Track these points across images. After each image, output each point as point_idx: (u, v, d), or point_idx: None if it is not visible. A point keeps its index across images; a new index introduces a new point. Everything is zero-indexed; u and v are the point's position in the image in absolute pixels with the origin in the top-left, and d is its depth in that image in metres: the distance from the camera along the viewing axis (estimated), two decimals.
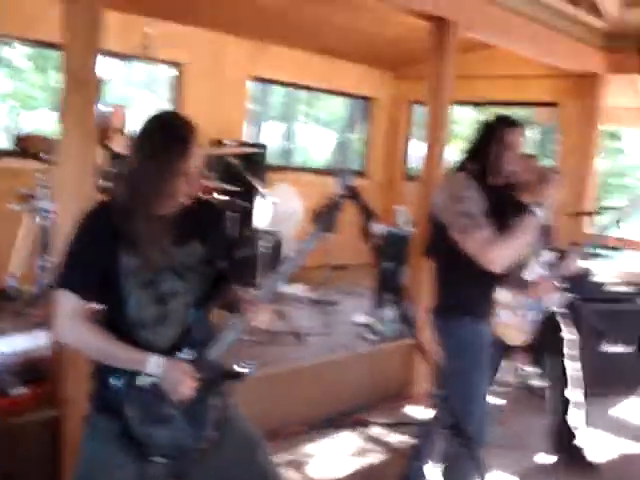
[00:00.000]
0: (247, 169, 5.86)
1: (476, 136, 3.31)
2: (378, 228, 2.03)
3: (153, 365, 2.17)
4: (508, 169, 3.21)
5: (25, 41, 6.65)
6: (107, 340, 2.18)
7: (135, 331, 2.25)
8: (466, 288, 3.26)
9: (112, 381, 2.19)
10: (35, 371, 3.69)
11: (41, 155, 4.94)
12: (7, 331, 4.50)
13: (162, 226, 2.24)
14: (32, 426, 3.43)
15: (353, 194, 2.08)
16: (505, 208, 3.12)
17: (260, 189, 5.81)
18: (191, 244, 2.35)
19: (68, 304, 2.18)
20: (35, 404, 3.48)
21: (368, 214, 2.03)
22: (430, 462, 3.85)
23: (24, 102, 8.63)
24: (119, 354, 2.18)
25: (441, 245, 3.25)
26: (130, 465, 2.21)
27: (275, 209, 5.91)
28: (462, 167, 3.27)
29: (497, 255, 3.02)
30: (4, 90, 7.94)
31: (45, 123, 7.09)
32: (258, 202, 5.91)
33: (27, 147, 5.25)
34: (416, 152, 9.05)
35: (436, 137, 5.37)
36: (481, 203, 3.08)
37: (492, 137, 3.22)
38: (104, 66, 3.59)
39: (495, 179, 3.23)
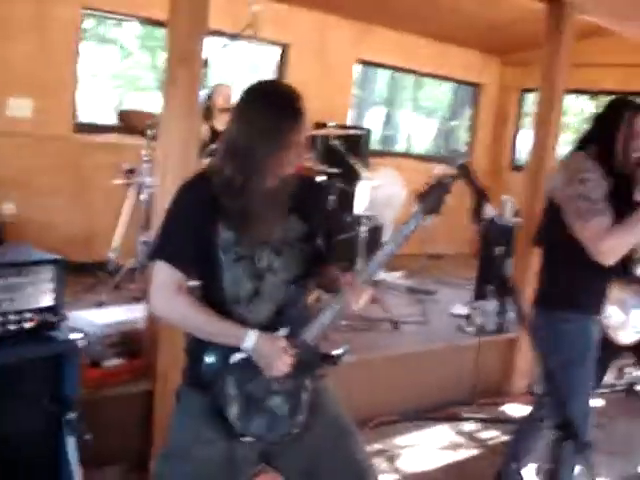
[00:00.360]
0: (349, 153, 5.76)
1: (600, 118, 3.08)
2: (490, 211, 1.88)
3: (250, 340, 2.08)
4: (635, 156, 2.95)
5: (134, 19, 6.72)
6: (203, 313, 2.11)
7: (230, 307, 2.17)
8: (575, 279, 3.04)
9: (206, 357, 2.12)
10: (130, 344, 3.71)
11: (145, 131, 4.97)
12: (105, 304, 4.58)
13: (265, 200, 2.14)
14: (124, 399, 3.46)
15: (466, 173, 1.93)
16: (625, 198, 2.90)
17: (362, 173, 5.70)
18: (291, 219, 2.25)
19: (164, 276, 2.11)
20: (128, 377, 3.50)
21: (481, 195, 1.89)
22: (528, 464, 3.70)
23: (131, 82, 8.77)
24: (215, 327, 2.10)
25: (553, 231, 3.07)
26: (219, 442, 2.14)
27: (376, 193, 5.79)
28: (582, 148, 3.03)
29: (612, 246, 2.80)
30: (112, 69, 8.07)
31: (150, 103, 7.17)
32: (359, 186, 5.80)
33: (130, 123, 5.30)
34: (524, 142, 8.76)
35: (547, 126, 5.14)
36: (603, 188, 2.84)
37: (620, 120, 2.95)
38: (209, 45, 3.55)
39: (619, 165, 2.97)
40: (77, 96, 6.11)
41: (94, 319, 3.76)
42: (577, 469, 2.84)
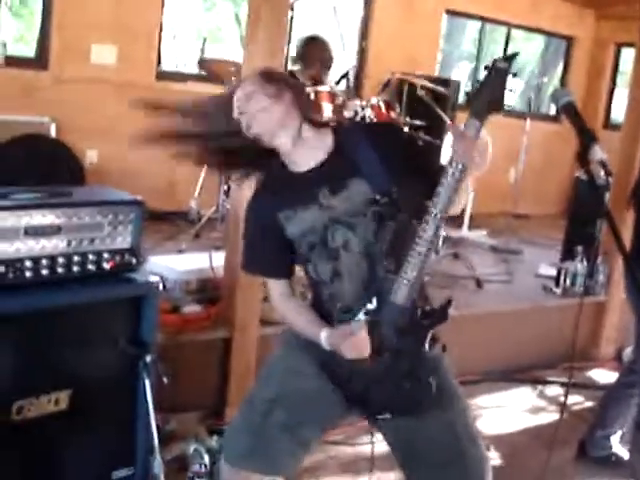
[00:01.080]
0: (437, 105, 5.57)
1: None
2: (599, 153, 1.71)
3: (324, 341, 2.06)
4: None
5: None
6: (300, 316, 2.17)
7: (320, 289, 2.17)
8: None
9: None
10: (209, 292, 3.69)
11: (227, 79, 4.89)
12: (185, 252, 4.57)
13: (307, 179, 2.08)
14: (202, 345, 3.44)
15: (571, 112, 1.76)
16: None
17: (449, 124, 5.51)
18: (350, 186, 2.07)
19: (270, 285, 2.21)
20: (207, 324, 3.47)
21: (587, 135, 1.72)
22: (616, 431, 3.56)
23: (213, 33, 8.72)
24: (306, 331, 2.14)
25: None
26: (320, 381, 2.14)
27: None
28: None
29: None
30: (195, 20, 8.03)
31: (233, 54, 7.10)
32: (446, 139, 5.62)
33: (212, 71, 5.23)
34: (620, 100, 8.37)
35: None
36: None
37: None
38: None
39: None
40: (161, 44, 6.08)
41: (174, 265, 3.74)
42: None
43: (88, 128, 5.49)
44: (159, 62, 6.08)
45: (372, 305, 2.03)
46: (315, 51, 5.18)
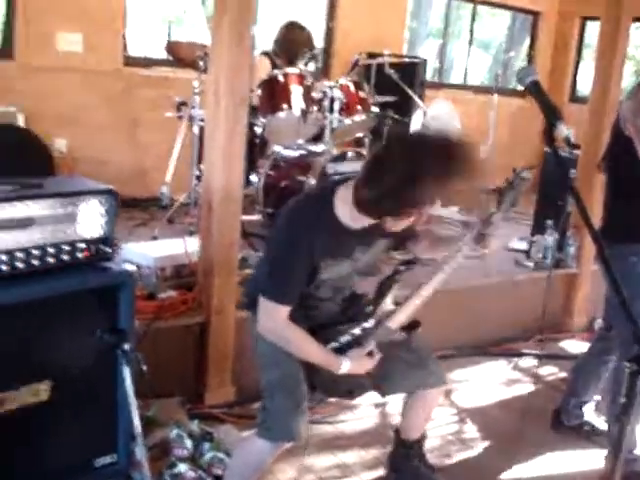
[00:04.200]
0: (405, 83, 5.60)
1: None
2: (564, 130, 1.75)
3: (345, 367, 2.39)
4: None
5: None
6: (307, 341, 2.37)
7: (316, 306, 2.49)
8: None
9: None
10: (184, 277, 3.70)
11: (195, 63, 4.87)
12: (159, 238, 4.56)
13: (353, 236, 2.35)
14: (178, 331, 3.46)
15: (537, 90, 1.80)
16: None
17: (418, 102, 5.55)
18: (376, 243, 2.45)
19: (280, 315, 2.31)
20: (183, 309, 3.49)
21: (552, 113, 1.75)
22: (589, 399, 3.63)
23: (179, 15, 8.65)
24: (317, 357, 2.41)
25: (620, 164, 2.96)
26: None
27: (431, 125, 5.64)
28: None
29: None
30: (159, 4, 7.96)
31: (199, 37, 7.06)
32: (414, 116, 5.66)
33: (179, 54, 5.20)
34: (585, 73, 8.44)
35: (610, 57, 4.87)
36: None
37: None
38: None
39: None
40: (126, 30, 6.03)
41: (148, 252, 3.75)
42: None
43: (56, 117, 5.46)
44: (125, 47, 6.04)
45: (368, 324, 2.45)
46: (294, 36, 5.22)
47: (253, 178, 4.85)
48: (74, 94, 5.56)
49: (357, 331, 2.46)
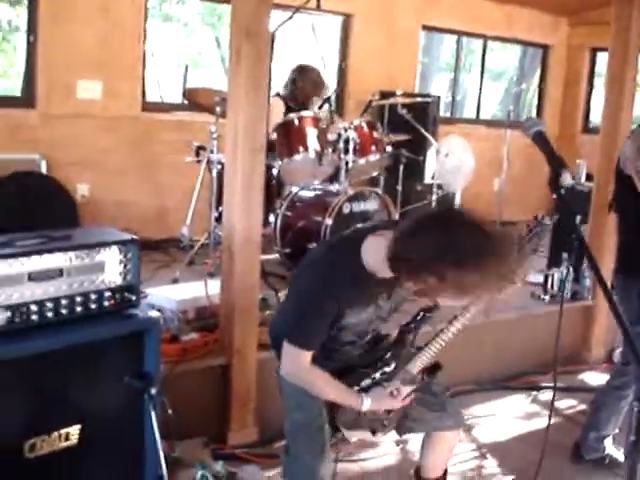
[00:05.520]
0: (418, 121, 5.70)
1: None
2: (568, 179, 1.83)
3: (366, 404, 2.44)
4: None
5: None
6: (329, 384, 2.42)
7: (333, 345, 2.52)
8: None
9: None
10: (206, 319, 3.77)
11: (212, 108, 5.00)
12: (180, 280, 4.66)
13: (378, 284, 2.39)
14: (201, 372, 3.52)
15: (542, 141, 1.88)
16: None
17: (431, 141, 5.64)
18: (398, 292, 2.49)
19: (304, 360, 2.36)
20: (205, 351, 3.56)
21: (557, 163, 1.84)
22: (609, 433, 3.64)
23: (195, 59, 8.84)
24: (339, 396, 2.44)
25: (625, 199, 3.03)
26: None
27: (445, 162, 5.72)
28: None
29: None
30: (177, 47, 8.15)
31: (216, 79, 7.22)
32: (428, 154, 5.75)
33: (197, 100, 5.34)
34: (598, 103, 8.51)
35: (620, 87, 4.97)
36: None
37: None
38: (274, 19, 3.53)
39: None
40: (145, 75, 6.19)
41: (171, 295, 3.83)
42: None
43: (78, 163, 5.60)
44: (144, 93, 6.19)
45: (389, 368, 2.54)
46: (305, 79, 5.35)
47: (270, 218, 4.95)
48: (95, 140, 5.71)
49: (378, 375, 2.52)
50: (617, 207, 3.26)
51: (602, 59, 8.67)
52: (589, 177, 5.87)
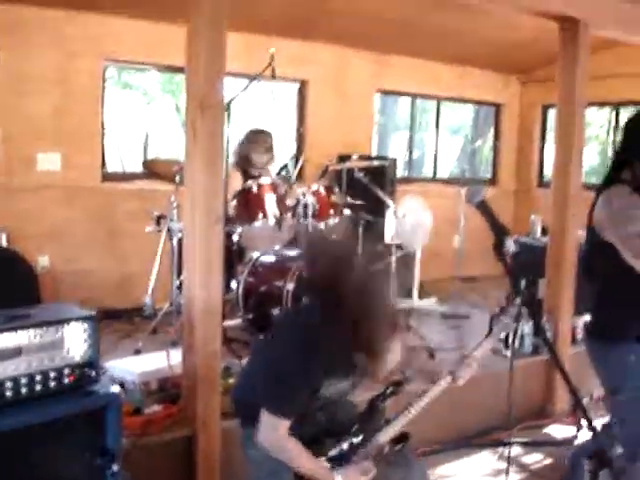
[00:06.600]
0: (376, 182, 5.80)
1: (627, 138, 2.96)
2: (511, 245, 1.90)
3: None
4: None
5: (153, 67, 6.88)
6: (302, 455, 2.44)
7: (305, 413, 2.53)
8: (632, 309, 2.94)
9: None
10: (169, 390, 3.76)
11: (171, 177, 5.05)
12: (143, 349, 4.64)
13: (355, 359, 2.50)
14: (166, 445, 3.49)
15: (485, 210, 1.96)
16: None
17: (388, 202, 5.74)
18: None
19: (283, 429, 2.39)
20: (168, 423, 3.53)
21: (500, 230, 1.91)
22: None
23: (156, 126, 8.94)
24: (310, 469, 2.46)
25: (605, 264, 2.97)
26: None
27: (403, 223, 5.82)
28: (618, 177, 2.89)
29: None
30: (136, 115, 8.24)
31: (176, 145, 7.30)
32: (387, 216, 5.84)
33: (156, 171, 5.40)
34: (551, 158, 8.73)
35: (569, 142, 5.12)
36: None
37: None
38: (228, 88, 3.61)
39: None
40: (104, 145, 6.25)
41: (132, 367, 3.82)
42: None
43: (39, 234, 5.61)
44: (103, 163, 6.23)
45: (357, 439, 2.58)
46: (258, 143, 5.45)
47: (232, 284, 4.97)
48: (55, 211, 5.73)
49: (346, 446, 2.55)
50: (591, 272, 3.16)
51: (553, 115, 8.91)
52: (545, 231, 5.99)
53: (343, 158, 6.30)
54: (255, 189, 4.99)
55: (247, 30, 5.93)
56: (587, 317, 3.20)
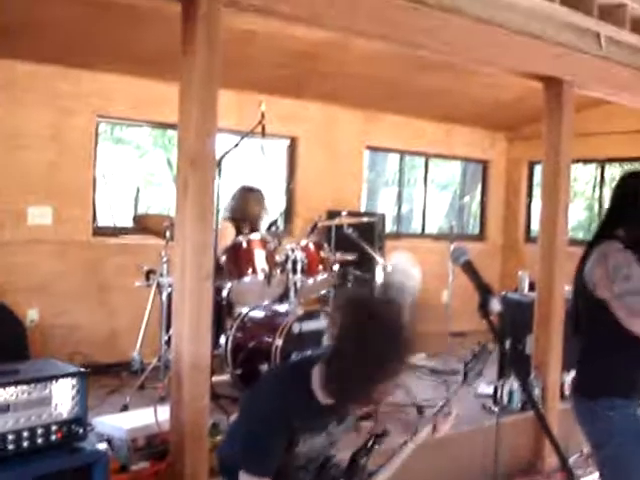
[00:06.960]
0: (364, 238, 5.85)
1: (619, 197, 3.01)
2: (496, 305, 1.94)
3: None
4: None
5: (146, 124, 6.98)
6: None
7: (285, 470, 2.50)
8: (624, 369, 2.94)
9: None
10: (156, 447, 3.73)
11: (162, 232, 5.08)
12: (130, 405, 4.61)
13: (327, 411, 2.49)
14: None
15: (469, 270, 2.00)
16: None
17: (377, 258, 5.79)
18: (348, 419, 2.63)
19: None
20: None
21: (485, 290, 1.95)
22: None
23: (148, 179, 9.01)
24: None
25: (591, 321, 3.00)
26: None
27: (392, 278, 5.85)
28: (610, 234, 2.93)
29: None
30: (129, 169, 8.31)
31: (169, 198, 7.35)
32: (377, 271, 5.88)
33: (145, 225, 5.45)
34: (538, 213, 8.84)
35: (556, 197, 5.20)
36: None
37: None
38: (220, 143, 3.66)
39: None
40: (95, 200, 6.29)
41: (120, 424, 3.80)
42: None
43: (28, 288, 5.61)
44: (94, 218, 6.27)
45: None
46: (250, 201, 5.50)
47: (221, 339, 4.98)
48: (45, 265, 5.74)
49: None
50: (583, 329, 3.12)
51: (539, 171, 9.05)
52: (533, 286, 6.03)
53: (332, 214, 6.36)
54: (245, 245, 5.03)
55: (239, 87, 6.04)
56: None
